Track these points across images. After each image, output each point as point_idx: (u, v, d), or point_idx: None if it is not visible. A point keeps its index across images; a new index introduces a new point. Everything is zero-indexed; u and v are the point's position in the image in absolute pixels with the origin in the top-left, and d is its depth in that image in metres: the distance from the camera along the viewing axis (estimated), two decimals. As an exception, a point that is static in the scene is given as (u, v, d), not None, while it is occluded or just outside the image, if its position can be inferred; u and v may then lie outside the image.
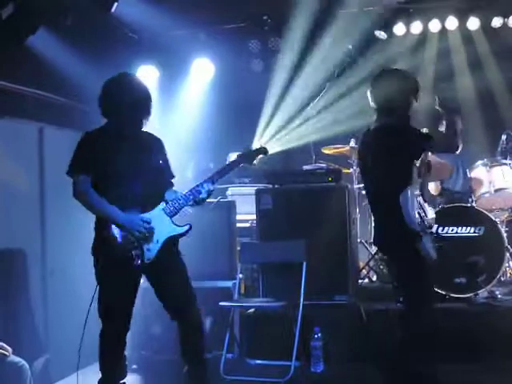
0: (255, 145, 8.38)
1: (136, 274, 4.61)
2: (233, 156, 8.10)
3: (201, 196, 4.64)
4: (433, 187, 6.60)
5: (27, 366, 5.03)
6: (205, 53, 8.40)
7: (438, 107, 6.97)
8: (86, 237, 6.72)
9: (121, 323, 4.60)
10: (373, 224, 5.60)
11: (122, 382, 4.69)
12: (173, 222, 4.61)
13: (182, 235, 4.64)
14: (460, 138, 7.50)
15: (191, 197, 4.63)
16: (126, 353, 4.71)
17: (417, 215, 4.53)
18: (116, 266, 4.45)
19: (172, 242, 4.62)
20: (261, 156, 5.12)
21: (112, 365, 4.64)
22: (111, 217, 4.45)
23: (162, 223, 4.55)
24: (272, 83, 8.43)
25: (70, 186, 4.58)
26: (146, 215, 4.52)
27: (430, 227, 4.64)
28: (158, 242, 4.52)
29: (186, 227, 4.62)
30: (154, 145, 4.77)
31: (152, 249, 4.50)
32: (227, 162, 4.93)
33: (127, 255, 4.44)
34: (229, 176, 7.82)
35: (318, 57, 8.33)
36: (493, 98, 8.22)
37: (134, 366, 5.74)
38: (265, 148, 5.12)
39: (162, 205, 4.60)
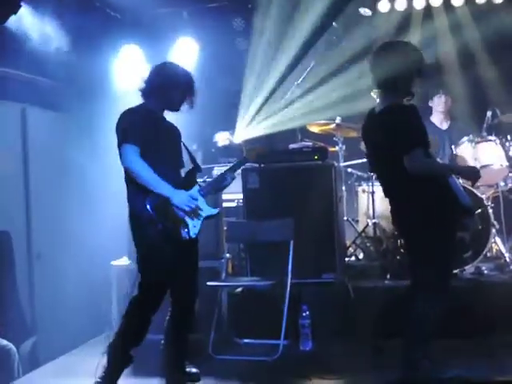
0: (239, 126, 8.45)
1: (181, 248, 4.62)
2: (219, 136, 8.14)
3: (225, 183, 4.95)
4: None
5: (15, 349, 5.02)
6: (189, 31, 8.32)
7: None
8: (71, 219, 6.73)
9: (160, 293, 4.68)
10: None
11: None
12: (207, 203, 4.78)
13: (213, 216, 4.83)
14: (447, 114, 7.56)
15: (218, 183, 4.96)
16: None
17: None
18: (162, 239, 4.48)
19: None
20: None
21: (136, 330, 4.63)
22: (163, 189, 4.47)
23: (200, 203, 4.70)
24: (257, 62, 8.38)
25: (54, 168, 4.55)
26: (189, 193, 4.64)
27: None
28: (199, 219, 4.67)
29: (218, 209, 4.89)
30: (178, 132, 4.93)
31: (197, 225, 4.64)
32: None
33: (174, 229, 4.52)
34: (214, 155, 7.88)
35: (303, 35, 8.29)
36: (479, 76, 8.22)
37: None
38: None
39: (197, 187, 4.76)
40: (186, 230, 4.57)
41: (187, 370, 4.89)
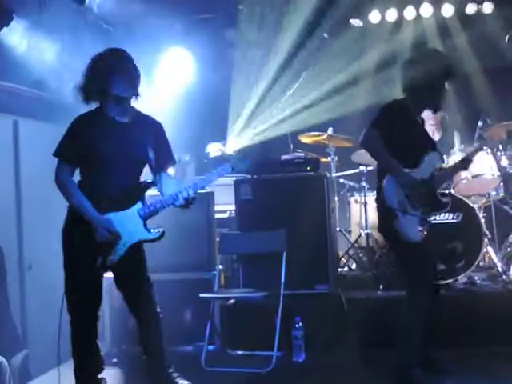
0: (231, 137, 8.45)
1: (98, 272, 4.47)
2: (211, 147, 8.12)
3: (177, 203, 4.35)
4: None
5: (6, 362, 4.97)
6: (181, 43, 8.31)
7: None
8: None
9: (87, 312, 4.51)
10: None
11: (100, 377, 4.58)
12: (145, 225, 4.41)
13: (151, 241, 4.44)
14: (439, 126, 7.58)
15: (169, 202, 4.37)
16: (106, 348, 4.65)
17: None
18: (79, 260, 4.37)
19: (139, 245, 4.49)
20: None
21: (85, 353, 4.53)
22: (84, 213, 4.33)
23: (133, 225, 4.37)
24: (248, 73, 8.39)
25: (46, 180, 4.53)
26: (120, 215, 4.34)
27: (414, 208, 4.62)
28: (124, 245, 4.35)
29: (158, 234, 4.42)
30: (147, 131, 4.52)
31: (118, 252, 4.34)
32: (215, 171, 4.51)
33: (91, 254, 4.31)
34: (207, 166, 7.85)
35: (294, 45, 8.31)
36: (469, 85, 8.24)
37: (115, 360, 5.68)
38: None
39: (138, 205, 4.38)
40: (101, 259, 4.31)
41: (180, 382, 4.81)
